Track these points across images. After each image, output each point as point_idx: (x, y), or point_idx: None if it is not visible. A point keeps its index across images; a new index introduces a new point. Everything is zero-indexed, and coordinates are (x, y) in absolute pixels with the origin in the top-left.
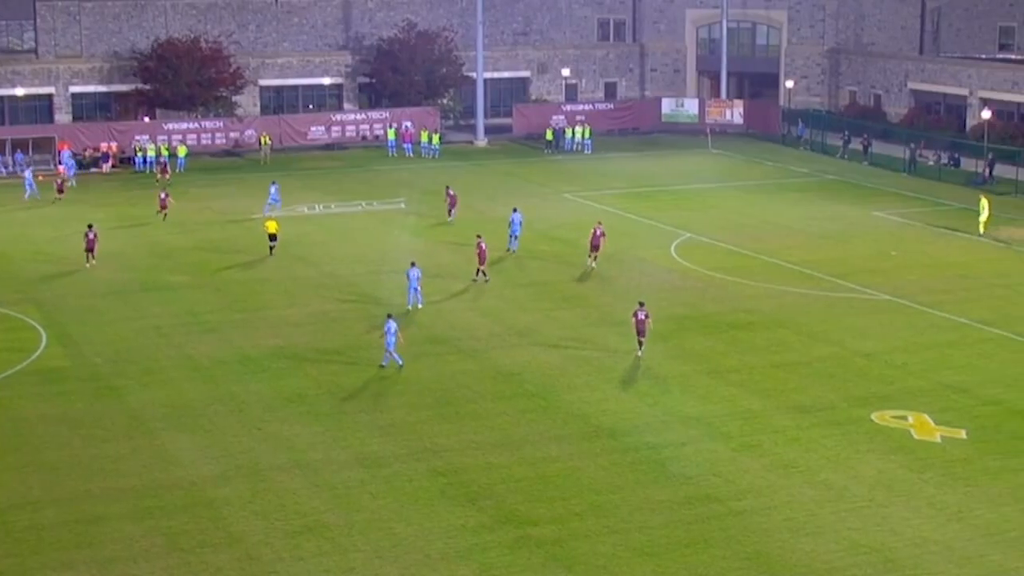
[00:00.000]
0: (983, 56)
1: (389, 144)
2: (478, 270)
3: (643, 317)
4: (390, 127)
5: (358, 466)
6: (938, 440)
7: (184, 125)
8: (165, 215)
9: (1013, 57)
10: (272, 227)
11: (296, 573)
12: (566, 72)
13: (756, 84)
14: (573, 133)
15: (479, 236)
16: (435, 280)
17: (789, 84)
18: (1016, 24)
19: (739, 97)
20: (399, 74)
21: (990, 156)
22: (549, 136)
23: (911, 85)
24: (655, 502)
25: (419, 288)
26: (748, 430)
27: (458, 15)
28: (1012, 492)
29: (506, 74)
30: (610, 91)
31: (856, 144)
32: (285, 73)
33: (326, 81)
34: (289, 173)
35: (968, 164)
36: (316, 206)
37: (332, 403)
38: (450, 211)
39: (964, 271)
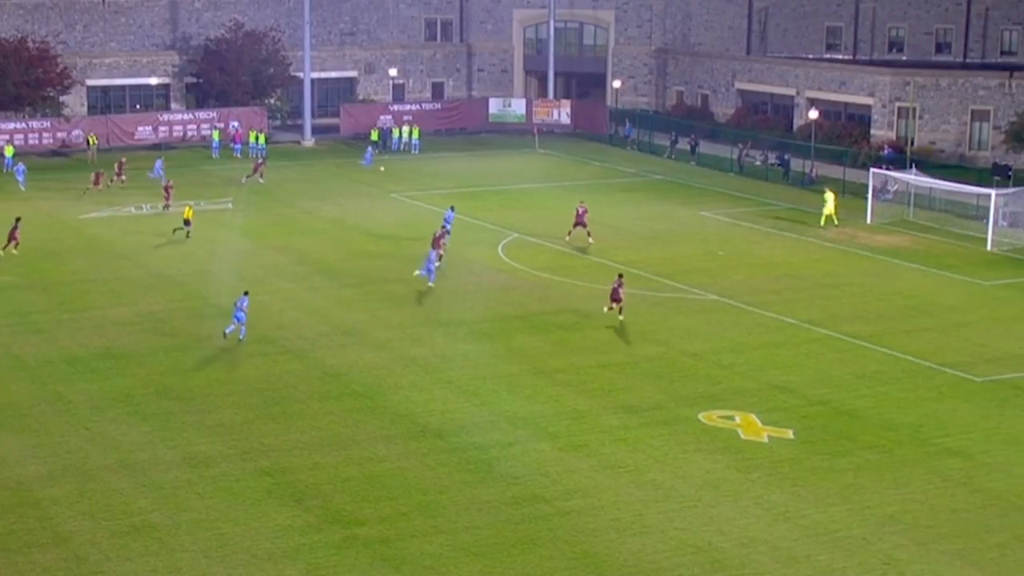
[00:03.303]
0: (810, 56)
1: (213, 146)
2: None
3: (616, 286)
4: (215, 128)
5: (185, 466)
6: (765, 440)
7: (11, 125)
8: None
9: (840, 57)
10: (188, 213)
11: (123, 573)
12: (393, 72)
13: (583, 84)
14: (400, 133)
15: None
16: (262, 281)
17: (616, 84)
18: (843, 24)
19: (566, 97)
20: (226, 74)
21: (785, 155)
22: (375, 137)
23: (738, 85)
24: (482, 502)
25: (433, 269)
26: (575, 430)
27: (285, 15)
28: (839, 492)
29: (333, 74)
30: (437, 91)
31: (683, 144)
32: (112, 73)
33: (153, 81)
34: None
35: (795, 164)
36: (144, 206)
37: (159, 403)
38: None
39: (791, 271)
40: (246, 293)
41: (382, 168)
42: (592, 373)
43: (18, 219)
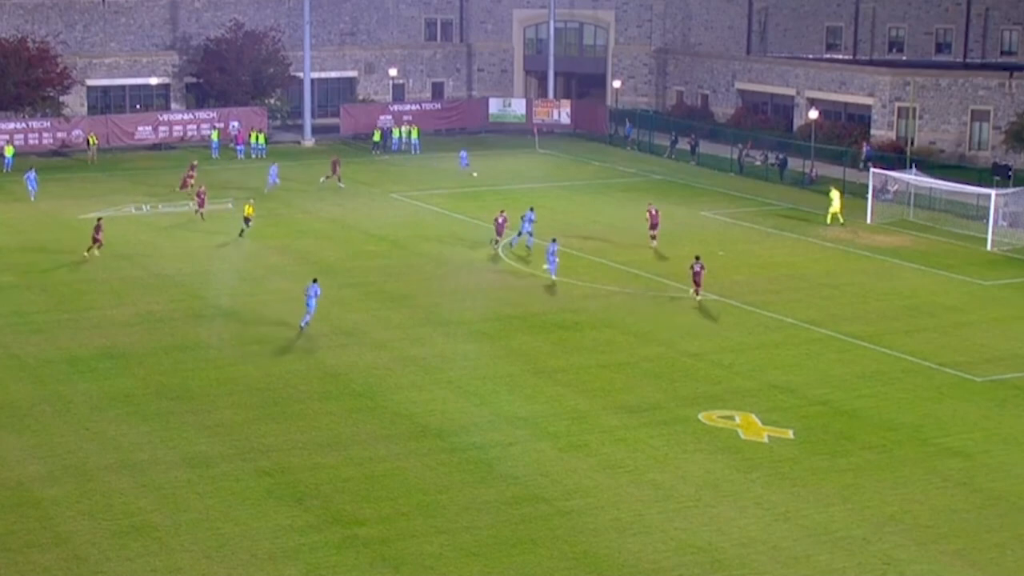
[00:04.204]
0: (810, 56)
1: (213, 146)
2: (494, 240)
3: (699, 269)
4: (215, 128)
5: (185, 466)
6: (765, 440)
7: (11, 125)
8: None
9: (840, 57)
10: (249, 210)
11: (123, 573)
12: (393, 72)
13: (584, 84)
14: (399, 133)
15: (502, 211)
16: (263, 280)
17: (616, 84)
18: (843, 24)
19: (566, 97)
20: (226, 74)
21: (780, 155)
22: (377, 138)
23: (738, 85)
24: (482, 502)
25: (556, 260)
26: (575, 430)
27: (285, 15)
28: (839, 492)
29: (333, 74)
30: (437, 91)
31: (683, 144)
32: (112, 73)
33: (153, 81)
34: (116, 173)
35: (795, 164)
36: (144, 206)
37: (159, 403)
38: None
39: (791, 271)
40: (315, 280)
41: (475, 173)
42: (592, 373)
43: (100, 219)
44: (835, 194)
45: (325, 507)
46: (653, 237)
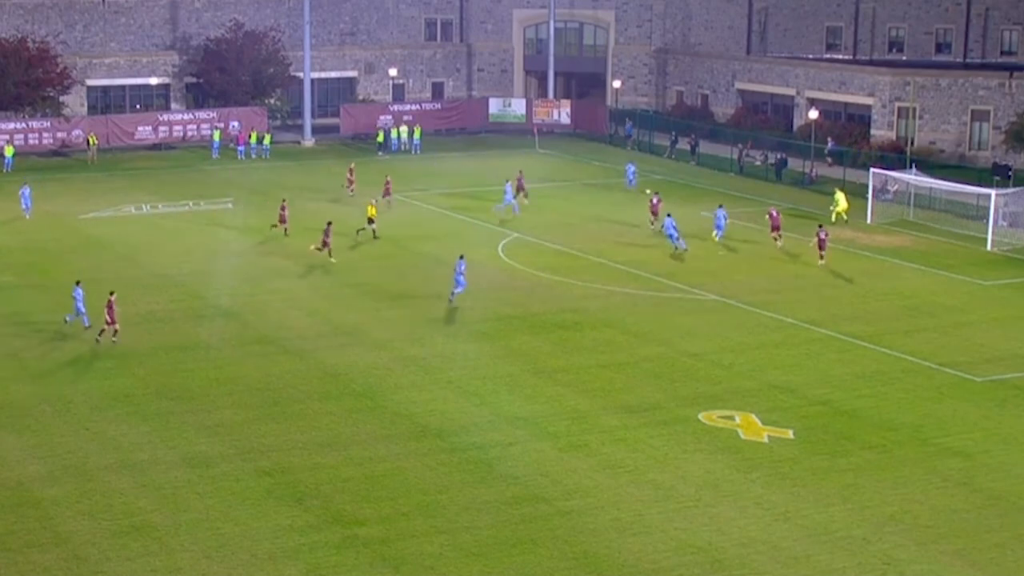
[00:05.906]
0: (810, 56)
1: (214, 146)
2: (652, 220)
3: (823, 236)
4: (215, 128)
5: (185, 466)
6: (765, 440)
7: (11, 125)
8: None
9: (840, 57)
10: (372, 211)
11: (123, 573)
12: (393, 72)
13: (583, 84)
14: (399, 133)
15: (656, 192)
16: (262, 280)
17: (616, 84)
18: (843, 24)
19: (566, 97)
20: (226, 74)
21: (779, 155)
22: (381, 139)
23: (738, 85)
24: (482, 502)
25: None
26: (575, 430)
27: (285, 15)
28: (839, 492)
29: (333, 74)
30: (437, 91)
31: (683, 144)
32: (112, 73)
33: (153, 81)
34: (116, 173)
35: (795, 164)
36: (144, 206)
37: (159, 403)
38: None
39: (791, 271)
40: (462, 256)
41: (648, 190)
42: (592, 373)
43: (329, 223)
44: (840, 195)
45: (325, 507)
46: (776, 238)
